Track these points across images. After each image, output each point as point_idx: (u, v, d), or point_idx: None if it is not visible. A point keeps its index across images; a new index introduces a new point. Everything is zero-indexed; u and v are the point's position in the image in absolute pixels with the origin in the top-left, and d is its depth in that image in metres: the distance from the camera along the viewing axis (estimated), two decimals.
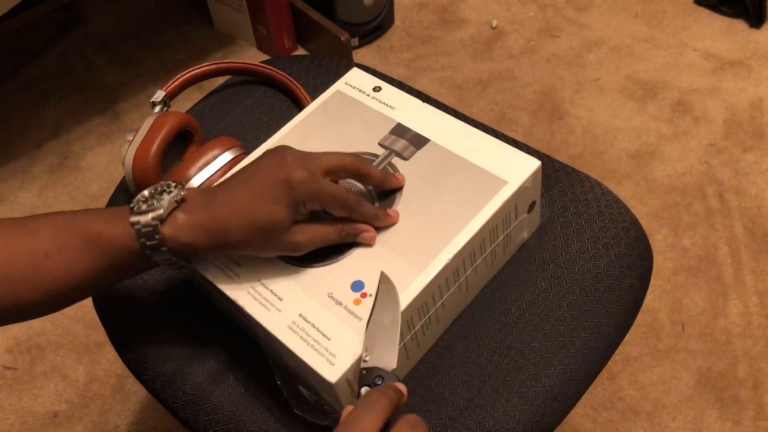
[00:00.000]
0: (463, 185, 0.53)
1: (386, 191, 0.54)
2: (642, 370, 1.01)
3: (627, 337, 1.03)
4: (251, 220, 0.47)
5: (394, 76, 1.42)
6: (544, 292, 0.57)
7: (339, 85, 0.63)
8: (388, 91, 0.62)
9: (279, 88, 0.74)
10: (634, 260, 0.60)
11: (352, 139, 0.58)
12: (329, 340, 0.47)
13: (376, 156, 0.57)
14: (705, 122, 1.30)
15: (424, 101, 0.61)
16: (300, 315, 0.49)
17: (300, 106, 0.72)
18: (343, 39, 1.38)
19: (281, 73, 0.73)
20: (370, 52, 1.50)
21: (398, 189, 0.54)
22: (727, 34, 1.46)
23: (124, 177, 0.68)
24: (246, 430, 0.53)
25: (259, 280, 0.51)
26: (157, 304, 0.60)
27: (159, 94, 0.66)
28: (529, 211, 0.57)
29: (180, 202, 0.47)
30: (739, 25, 1.47)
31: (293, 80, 0.72)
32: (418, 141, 0.57)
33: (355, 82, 0.63)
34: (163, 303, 0.60)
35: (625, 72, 1.40)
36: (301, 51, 1.51)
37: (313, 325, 0.48)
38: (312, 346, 0.47)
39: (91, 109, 1.44)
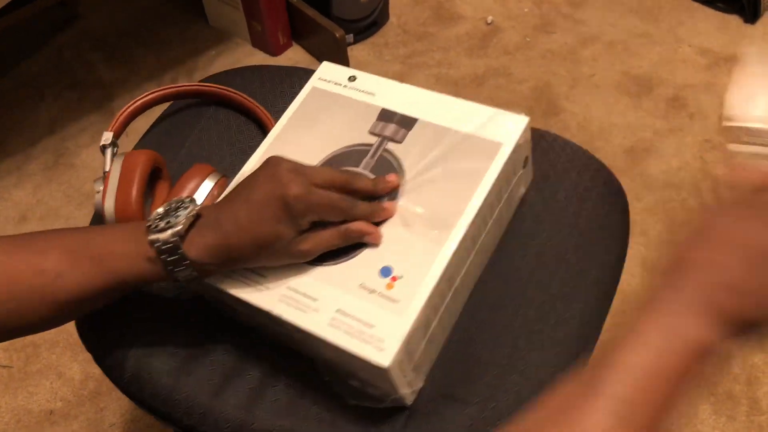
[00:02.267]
0: (462, 156, 0.54)
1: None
2: None
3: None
4: (256, 238, 0.48)
5: (390, 73, 1.42)
6: (548, 241, 0.59)
7: (313, 82, 0.63)
8: (364, 78, 0.62)
9: (229, 106, 0.72)
10: (614, 198, 0.64)
11: (341, 132, 0.58)
12: (373, 327, 0.48)
13: (369, 145, 0.57)
14: (700, 118, 1.30)
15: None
16: (338, 310, 0.49)
17: (254, 119, 0.70)
18: (338, 35, 1.38)
19: (226, 88, 0.71)
20: (366, 48, 1.49)
21: (396, 188, 0.55)
22: (722, 29, 1.46)
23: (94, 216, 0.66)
24: None
25: (287, 286, 0.51)
26: (145, 322, 0.59)
27: (107, 136, 0.63)
28: (524, 167, 0.59)
29: (196, 218, 0.48)
30: (734, 21, 1.47)
31: (240, 93, 0.70)
32: (407, 122, 0.58)
33: (328, 75, 0.63)
34: (152, 320, 0.59)
35: (621, 68, 1.40)
36: (296, 47, 1.51)
37: (353, 317, 0.49)
38: (358, 337, 0.48)
39: (86, 107, 1.44)
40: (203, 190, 0.59)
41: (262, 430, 0.53)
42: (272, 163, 0.50)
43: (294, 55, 1.50)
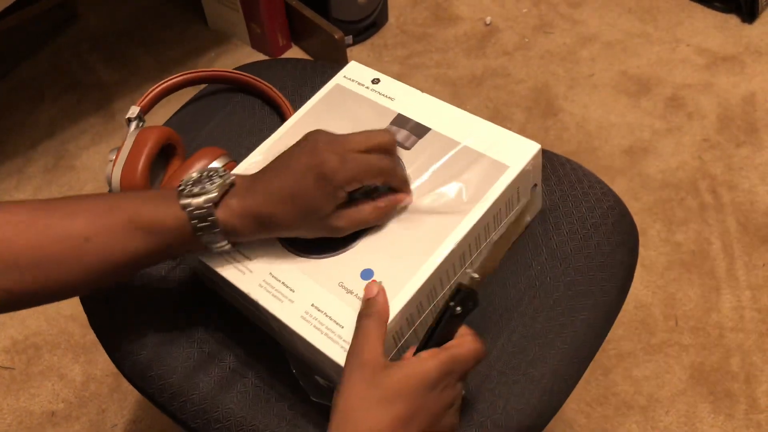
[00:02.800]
0: (466, 171, 0.54)
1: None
2: (635, 365, 1.02)
3: (621, 332, 1.05)
4: (293, 208, 0.48)
5: (389, 74, 1.42)
6: (541, 275, 0.58)
7: (338, 79, 0.64)
8: (387, 82, 0.63)
9: (255, 94, 0.74)
10: (622, 237, 0.62)
11: (353, 130, 0.58)
12: (342, 328, 0.48)
13: None
14: (698, 117, 1.31)
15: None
16: (312, 305, 0.50)
17: (278, 111, 0.72)
18: (336, 37, 1.38)
19: (256, 78, 0.73)
20: (365, 49, 1.50)
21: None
22: (720, 29, 1.46)
23: None
24: None
25: (270, 273, 0.52)
26: (154, 315, 0.60)
27: (134, 110, 0.65)
28: (530, 194, 0.58)
29: (230, 187, 0.49)
30: (732, 20, 1.47)
31: (269, 85, 0.72)
32: (419, 130, 0.58)
33: (353, 75, 0.64)
34: (161, 313, 0.60)
35: (619, 68, 1.40)
36: (295, 49, 1.51)
37: (325, 314, 0.49)
38: (326, 334, 0.48)
39: (85, 108, 1.44)
40: None
41: (224, 418, 0.54)
42: (311, 135, 0.50)
43: (293, 57, 1.50)
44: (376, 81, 0.63)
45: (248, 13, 1.44)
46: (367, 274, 0.51)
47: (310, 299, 0.50)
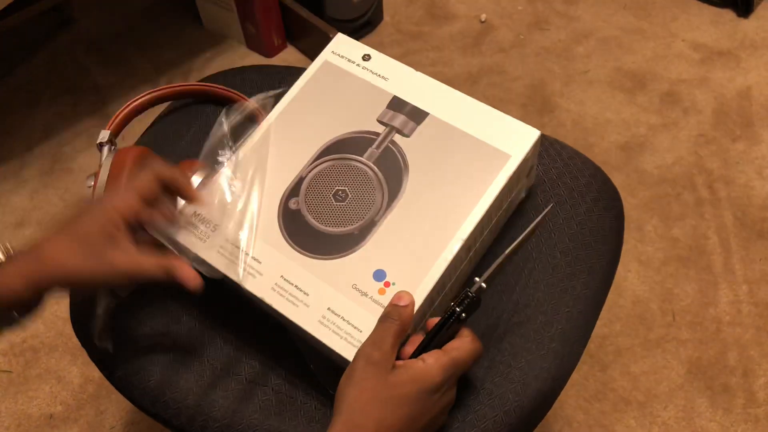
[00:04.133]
0: (468, 162, 0.53)
1: (393, 174, 0.54)
2: (633, 361, 1.02)
3: (618, 327, 1.05)
4: (69, 239, 0.48)
5: None
6: (536, 246, 0.59)
7: (326, 55, 0.60)
8: (379, 59, 0.59)
9: (224, 104, 0.72)
10: (607, 202, 0.63)
11: (348, 115, 0.57)
12: (361, 332, 0.48)
13: (376, 135, 0.56)
14: (694, 113, 1.31)
15: None
16: (329, 309, 0.50)
17: (252, 118, 0.71)
18: (331, 36, 1.37)
19: (223, 88, 0.71)
20: None
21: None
22: (715, 24, 1.46)
23: None
24: None
25: (281, 275, 0.51)
26: (156, 338, 0.59)
27: (104, 134, 0.64)
28: (527, 175, 0.58)
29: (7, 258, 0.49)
30: (728, 15, 1.47)
31: (236, 92, 0.71)
32: (417, 115, 0.56)
33: (341, 50, 0.60)
34: (162, 336, 0.59)
35: (614, 64, 1.40)
36: (290, 49, 1.51)
37: (342, 318, 0.49)
38: (345, 339, 0.48)
39: (81, 111, 1.44)
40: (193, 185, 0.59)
41: (250, 430, 0.54)
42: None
43: (288, 56, 1.50)
44: (367, 57, 0.59)
45: (243, 13, 1.44)
46: (379, 275, 0.50)
47: (326, 303, 0.50)
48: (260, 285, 0.51)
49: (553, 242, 0.60)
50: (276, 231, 0.54)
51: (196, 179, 0.59)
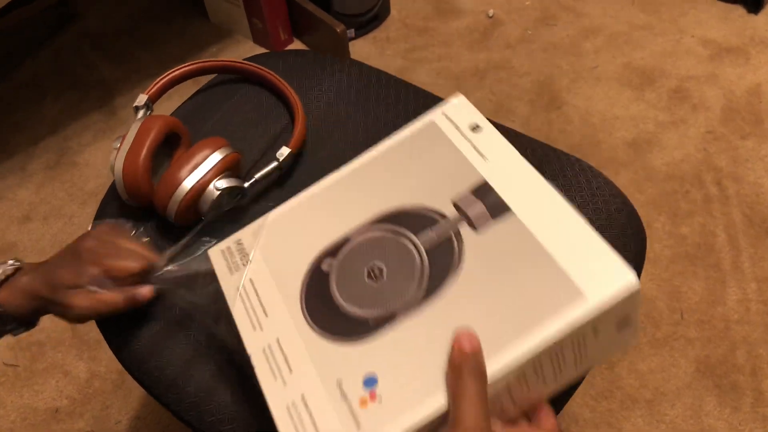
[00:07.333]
0: (532, 284, 0.42)
1: (440, 269, 0.45)
2: (641, 359, 1.01)
3: None
4: (46, 275, 0.54)
5: (392, 68, 1.42)
6: None
7: (436, 116, 0.54)
8: (488, 134, 0.51)
9: (263, 85, 0.74)
10: (628, 241, 0.61)
11: (425, 185, 0.50)
12: None
13: (443, 218, 0.48)
14: (703, 109, 1.30)
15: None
16: (302, 397, 0.43)
17: (286, 104, 0.71)
18: (338, 30, 1.37)
19: (265, 69, 0.72)
20: (367, 43, 1.49)
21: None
22: (724, 20, 1.45)
23: (111, 185, 0.68)
24: (253, 429, 0.54)
25: (277, 339, 0.46)
26: (154, 306, 0.60)
27: (141, 98, 0.65)
28: (618, 331, 0.43)
29: (15, 272, 0.54)
30: (737, 11, 1.46)
31: (278, 77, 0.71)
32: (498, 209, 0.47)
33: (454, 114, 0.53)
34: (160, 305, 0.60)
35: (623, 60, 1.39)
36: (297, 43, 1.51)
37: (310, 414, 0.42)
38: None
39: (87, 106, 1.44)
40: (210, 162, 0.60)
41: (217, 411, 0.54)
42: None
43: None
44: (476, 128, 0.52)
45: (249, 7, 1.43)
46: (370, 381, 0.42)
47: (303, 388, 0.43)
48: (254, 339, 0.46)
49: None
50: (296, 288, 0.48)
51: (217, 156, 0.60)
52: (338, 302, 0.46)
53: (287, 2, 1.44)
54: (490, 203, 0.47)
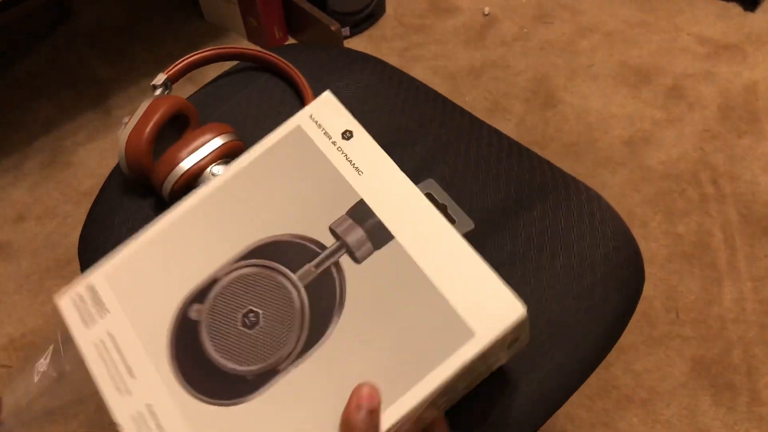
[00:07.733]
0: (421, 326, 0.39)
1: (322, 310, 0.41)
2: (637, 358, 1.01)
3: None
4: None
5: None
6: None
7: (302, 119, 0.47)
8: (360, 141, 0.45)
9: (282, 77, 0.73)
10: (621, 282, 0.57)
11: (298, 210, 0.44)
12: None
13: (322, 248, 0.42)
14: (699, 108, 1.29)
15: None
16: None
17: (300, 98, 0.71)
18: (333, 29, 1.37)
19: (283, 61, 0.72)
20: (362, 41, 1.48)
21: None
22: (721, 17, 1.44)
23: (116, 165, 0.68)
24: None
25: (147, 404, 0.40)
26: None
27: (160, 77, 0.66)
28: (509, 347, 0.42)
29: None
30: (734, 9, 1.46)
31: (296, 70, 0.71)
32: (379, 235, 0.42)
33: (322, 117, 0.47)
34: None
35: (619, 58, 1.39)
36: (292, 42, 1.50)
37: None
38: None
39: (82, 105, 1.43)
40: (210, 146, 0.61)
41: None
42: None
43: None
44: (347, 135, 0.45)
45: (244, 6, 1.43)
46: None
47: None
48: (123, 404, 0.40)
49: (542, 309, 0.54)
50: (162, 343, 0.42)
51: (218, 141, 0.60)
52: (211, 356, 0.41)
53: (282, 0, 1.44)
54: (369, 227, 0.42)
